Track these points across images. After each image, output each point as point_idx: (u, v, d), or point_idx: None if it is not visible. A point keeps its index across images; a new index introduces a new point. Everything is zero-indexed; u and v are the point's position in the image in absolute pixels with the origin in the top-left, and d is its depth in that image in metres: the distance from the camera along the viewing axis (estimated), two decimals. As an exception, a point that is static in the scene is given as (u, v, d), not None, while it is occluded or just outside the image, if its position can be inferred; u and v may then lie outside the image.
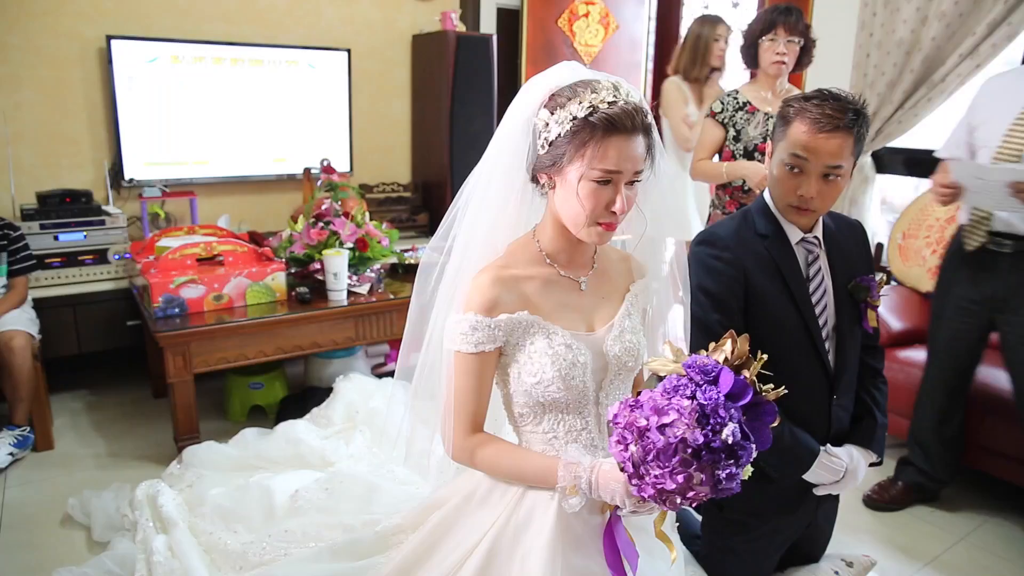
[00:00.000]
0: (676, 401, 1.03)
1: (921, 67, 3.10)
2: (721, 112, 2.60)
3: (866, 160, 3.32)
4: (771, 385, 1.11)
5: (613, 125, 1.18)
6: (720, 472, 1.02)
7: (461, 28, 3.96)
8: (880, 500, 2.47)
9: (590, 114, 1.18)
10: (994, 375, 2.39)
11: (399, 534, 1.49)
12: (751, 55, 2.60)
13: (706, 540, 1.83)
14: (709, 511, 1.80)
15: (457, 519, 1.35)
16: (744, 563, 1.78)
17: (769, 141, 1.71)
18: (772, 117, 2.54)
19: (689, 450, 1.01)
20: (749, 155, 2.57)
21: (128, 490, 2.21)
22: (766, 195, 1.72)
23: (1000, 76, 2.30)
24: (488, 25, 4.35)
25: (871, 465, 1.77)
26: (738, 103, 2.59)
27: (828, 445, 1.70)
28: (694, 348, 1.60)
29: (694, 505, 1.08)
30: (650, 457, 1.03)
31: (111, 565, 1.89)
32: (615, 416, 1.08)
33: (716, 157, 2.67)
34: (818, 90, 1.60)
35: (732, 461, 1.02)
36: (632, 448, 1.05)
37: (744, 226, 1.69)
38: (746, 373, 1.08)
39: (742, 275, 1.63)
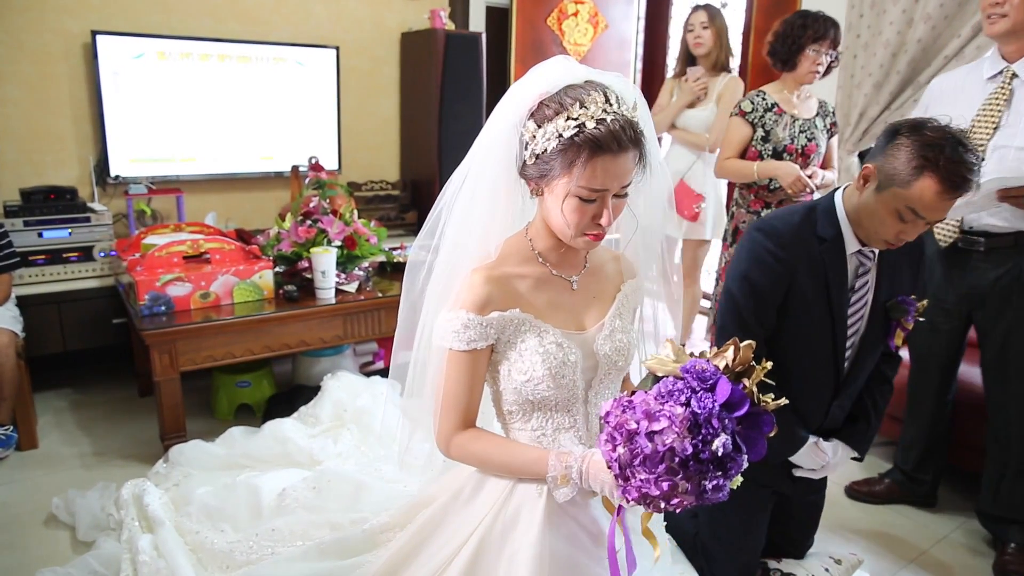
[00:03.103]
0: (669, 408, 1.01)
1: (907, 68, 3.13)
2: (752, 112, 2.63)
3: (853, 160, 3.34)
4: (772, 395, 1.08)
5: (600, 146, 1.14)
6: (707, 483, 1.01)
7: (450, 26, 3.95)
8: (861, 492, 2.49)
9: (576, 134, 1.14)
10: (978, 374, 2.40)
11: (387, 532, 1.48)
12: (791, 57, 2.56)
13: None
14: None
15: (445, 517, 1.35)
16: (732, 530, 1.79)
17: (868, 164, 1.58)
18: (798, 120, 2.61)
19: (676, 459, 0.99)
20: (779, 156, 2.61)
21: (113, 489, 2.20)
22: (837, 199, 1.67)
23: (948, 75, 2.32)
24: (477, 23, 4.34)
25: (852, 459, 1.81)
26: (767, 103, 2.63)
27: (819, 438, 1.72)
28: (721, 324, 1.68)
29: (679, 512, 1.06)
30: (636, 461, 1.01)
31: (96, 565, 1.87)
32: (607, 414, 1.07)
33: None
34: (945, 132, 1.46)
35: (720, 472, 1.01)
36: (620, 450, 1.03)
37: (806, 224, 1.66)
38: (746, 382, 1.05)
39: (790, 276, 1.63)
